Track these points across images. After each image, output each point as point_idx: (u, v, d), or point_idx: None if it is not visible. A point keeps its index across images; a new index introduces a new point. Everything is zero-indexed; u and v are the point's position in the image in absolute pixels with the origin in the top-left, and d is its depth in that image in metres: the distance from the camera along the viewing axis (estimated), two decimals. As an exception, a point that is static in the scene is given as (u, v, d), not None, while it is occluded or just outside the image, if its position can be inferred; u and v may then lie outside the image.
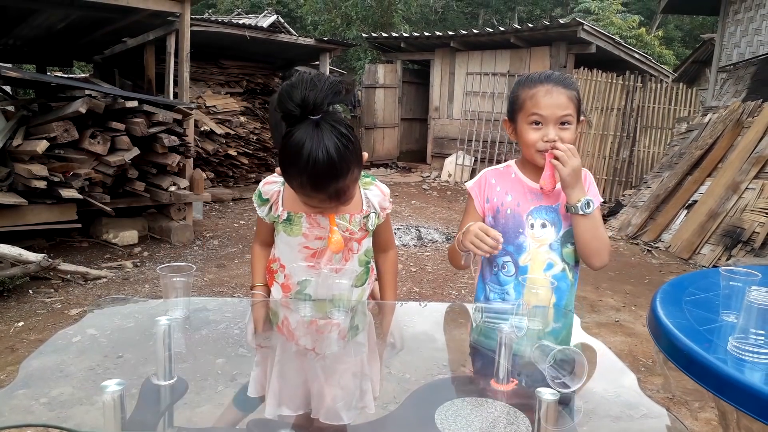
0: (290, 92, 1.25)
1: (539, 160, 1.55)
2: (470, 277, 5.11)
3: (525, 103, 1.55)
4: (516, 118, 1.60)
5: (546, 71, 1.59)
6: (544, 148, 1.52)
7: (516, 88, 1.60)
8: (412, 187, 10.36)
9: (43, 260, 4.10)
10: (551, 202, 1.60)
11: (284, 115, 1.28)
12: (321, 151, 1.23)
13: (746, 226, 5.69)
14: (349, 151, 1.27)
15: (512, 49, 10.72)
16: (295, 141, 1.25)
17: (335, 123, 1.27)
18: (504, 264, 1.63)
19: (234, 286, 4.55)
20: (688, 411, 2.85)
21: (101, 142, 4.99)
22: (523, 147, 1.60)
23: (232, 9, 19.61)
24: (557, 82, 1.54)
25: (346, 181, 1.31)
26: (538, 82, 1.55)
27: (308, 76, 1.27)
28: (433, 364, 1.38)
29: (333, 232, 1.47)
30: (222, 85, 9.34)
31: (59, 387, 1.12)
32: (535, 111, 1.52)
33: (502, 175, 1.68)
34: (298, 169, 1.27)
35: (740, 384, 1.05)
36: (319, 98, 1.24)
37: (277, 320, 1.59)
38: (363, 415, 1.15)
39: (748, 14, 8.67)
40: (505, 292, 1.63)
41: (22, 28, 7.26)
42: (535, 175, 1.60)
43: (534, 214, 1.60)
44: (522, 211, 1.60)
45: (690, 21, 21.85)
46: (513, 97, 1.61)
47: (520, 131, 1.58)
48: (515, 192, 1.63)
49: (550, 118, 1.51)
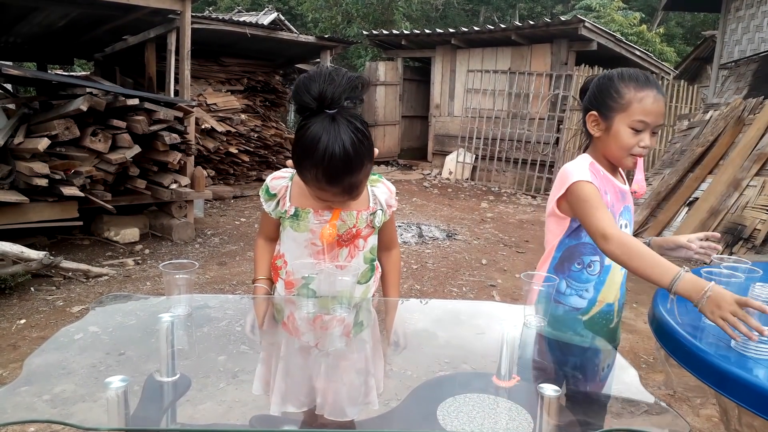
0: (308, 85, 1.25)
1: (629, 163, 1.54)
2: (471, 275, 5.11)
3: (632, 105, 1.49)
4: (613, 116, 1.53)
5: (636, 72, 1.53)
6: (639, 153, 1.51)
7: (618, 85, 1.52)
8: (413, 185, 10.36)
9: (44, 258, 4.10)
10: (630, 202, 1.63)
11: (299, 107, 1.28)
12: (338, 145, 1.24)
13: (747, 223, 5.68)
14: (364, 146, 1.29)
15: (513, 47, 10.70)
16: (312, 134, 1.25)
17: (351, 118, 1.28)
18: (591, 263, 1.62)
19: (235, 284, 4.55)
20: (690, 407, 2.85)
21: (102, 140, 4.99)
22: (613, 147, 1.55)
23: (232, 6, 19.58)
24: (657, 88, 1.51)
25: (359, 176, 1.32)
26: (645, 85, 1.49)
27: (326, 70, 1.28)
28: (434, 360, 1.38)
29: (332, 225, 1.47)
30: (223, 82, 9.34)
31: (62, 384, 1.12)
32: (642, 118, 1.48)
33: (596, 171, 1.59)
34: (313, 161, 1.27)
35: (742, 380, 1.05)
36: (337, 93, 1.24)
37: (282, 317, 1.59)
38: (366, 411, 1.15)
39: (750, 11, 8.64)
40: (585, 290, 1.63)
41: (22, 26, 7.25)
42: (612, 172, 1.62)
43: (623, 215, 1.61)
44: (616, 211, 1.59)
45: (691, 18, 21.79)
46: (613, 93, 1.53)
47: (616, 131, 1.52)
48: (610, 191, 1.59)
49: (652, 125, 1.49)
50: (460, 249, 6.04)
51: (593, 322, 1.64)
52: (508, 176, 10.67)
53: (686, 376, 1.25)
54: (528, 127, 10.41)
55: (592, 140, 1.65)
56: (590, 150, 1.66)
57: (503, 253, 5.99)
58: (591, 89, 1.62)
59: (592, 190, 1.49)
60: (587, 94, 1.64)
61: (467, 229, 7.03)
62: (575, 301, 1.64)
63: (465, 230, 6.94)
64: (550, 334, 1.41)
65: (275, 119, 10.12)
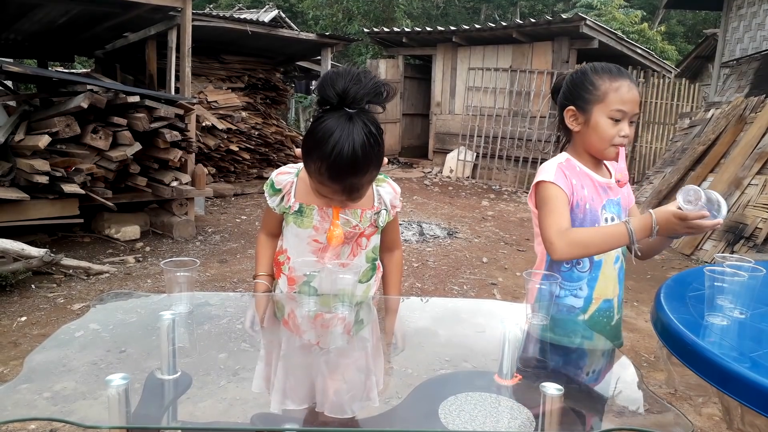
0: (334, 80, 1.26)
1: (611, 154, 1.54)
2: (472, 273, 5.11)
3: (608, 95, 1.51)
4: (590, 108, 1.54)
5: (608, 64, 1.55)
6: (620, 143, 1.52)
7: (593, 77, 1.54)
8: (413, 183, 10.36)
9: (45, 255, 4.10)
10: (615, 196, 1.61)
11: (321, 99, 1.29)
12: (348, 143, 1.24)
13: (749, 222, 5.67)
14: (373, 152, 1.29)
15: (514, 45, 10.69)
16: (326, 127, 1.26)
17: (368, 121, 1.28)
18: (579, 260, 1.60)
19: (236, 281, 4.55)
20: (692, 406, 2.85)
21: (103, 137, 4.99)
22: (594, 139, 1.55)
23: (233, 4, 19.56)
24: (630, 78, 1.53)
25: (362, 180, 1.32)
26: (618, 75, 1.51)
27: (356, 70, 1.29)
28: (435, 359, 1.37)
29: (335, 225, 1.47)
30: (223, 80, 9.33)
31: (62, 381, 1.12)
32: (619, 107, 1.50)
33: (571, 167, 1.60)
34: (320, 154, 1.27)
35: (745, 378, 1.04)
36: (360, 93, 1.25)
37: (283, 314, 1.59)
38: (367, 409, 1.15)
39: (751, 9, 8.63)
40: (578, 288, 1.61)
41: (23, 23, 7.24)
42: (594, 167, 1.61)
43: (607, 208, 1.60)
44: (597, 205, 1.58)
45: (693, 16, 21.77)
46: (588, 86, 1.54)
47: (595, 123, 1.53)
48: (588, 186, 1.59)
49: (630, 113, 1.51)
50: (460, 247, 6.03)
51: (593, 320, 1.63)
52: (509, 174, 10.67)
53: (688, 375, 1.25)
54: (529, 125, 10.41)
55: (571, 136, 1.64)
56: (570, 147, 1.66)
57: (504, 251, 5.99)
58: (565, 85, 1.63)
59: (551, 193, 1.53)
60: (561, 91, 1.64)
61: (468, 227, 7.03)
62: (571, 302, 1.62)
63: (466, 228, 6.94)
64: (552, 337, 1.41)
65: (276, 117, 10.12)
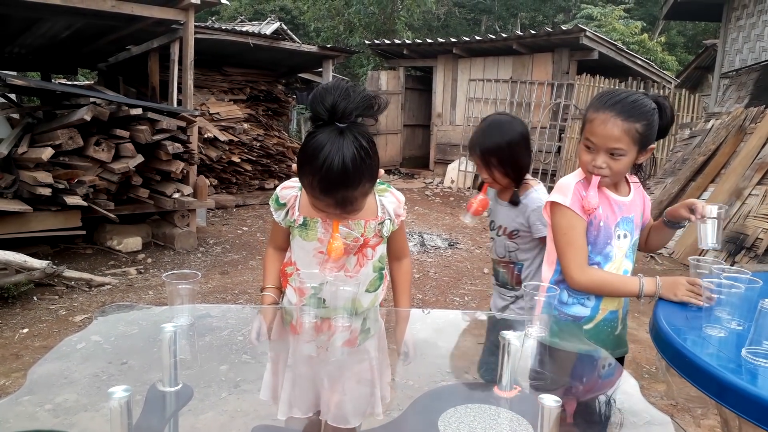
0: (324, 96, 1.28)
1: (592, 179, 1.60)
2: (473, 284, 5.11)
3: (586, 124, 1.61)
4: (582, 132, 1.65)
5: (623, 94, 1.57)
6: (593, 172, 1.58)
7: (589, 104, 1.64)
8: (414, 194, 10.37)
9: (47, 267, 4.11)
10: (629, 213, 1.67)
11: (313, 116, 1.31)
12: (337, 157, 1.26)
13: (749, 232, 5.67)
14: (364, 164, 1.29)
15: (515, 56, 10.75)
16: (316, 142, 1.28)
17: (358, 135, 1.29)
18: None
19: (237, 293, 4.55)
20: (692, 418, 2.84)
21: (106, 150, 5.02)
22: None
23: (235, 16, 19.71)
24: (621, 112, 1.53)
25: (354, 193, 1.32)
26: (603, 107, 1.55)
27: (345, 84, 1.30)
28: (436, 370, 1.38)
29: (334, 238, 1.48)
30: (225, 92, 9.38)
31: (64, 393, 1.13)
32: (588, 136, 1.58)
33: (587, 186, 1.64)
34: (312, 168, 1.29)
35: (742, 390, 1.05)
36: (350, 108, 1.27)
37: (291, 319, 1.60)
38: (369, 420, 1.16)
39: (751, 20, 8.67)
40: (586, 297, 1.67)
41: (27, 37, 7.31)
42: (614, 188, 1.67)
43: (621, 225, 1.65)
44: (611, 222, 1.64)
45: (692, 27, 21.86)
46: (585, 110, 1.66)
47: (579, 147, 1.64)
48: (604, 204, 1.64)
49: (600, 146, 1.55)
50: (462, 258, 6.03)
51: (598, 329, 1.67)
52: (510, 185, 10.66)
53: (688, 387, 1.25)
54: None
55: None
56: None
57: (505, 262, 5.98)
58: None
59: (570, 222, 1.61)
60: None
61: (469, 238, 7.03)
62: (578, 310, 1.67)
63: (467, 239, 6.94)
64: (554, 344, 1.42)
65: (278, 128, 10.16)
